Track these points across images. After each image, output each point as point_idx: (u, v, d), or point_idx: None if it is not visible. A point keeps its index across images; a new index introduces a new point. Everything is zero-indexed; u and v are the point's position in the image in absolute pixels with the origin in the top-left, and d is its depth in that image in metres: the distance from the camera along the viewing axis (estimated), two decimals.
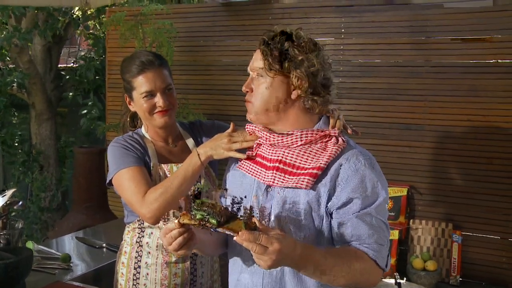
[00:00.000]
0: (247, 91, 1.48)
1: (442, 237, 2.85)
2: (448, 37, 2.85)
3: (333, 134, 1.44)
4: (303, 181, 1.35)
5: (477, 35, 2.80)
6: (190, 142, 2.04)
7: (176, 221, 1.27)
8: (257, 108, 1.45)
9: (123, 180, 1.83)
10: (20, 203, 2.15)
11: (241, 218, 1.23)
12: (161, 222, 1.88)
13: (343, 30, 3.12)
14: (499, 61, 2.75)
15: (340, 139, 1.43)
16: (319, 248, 1.32)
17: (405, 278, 2.53)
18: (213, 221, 1.21)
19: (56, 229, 3.66)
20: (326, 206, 1.37)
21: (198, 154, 1.72)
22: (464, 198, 2.86)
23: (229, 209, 1.26)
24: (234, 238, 1.17)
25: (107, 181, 1.93)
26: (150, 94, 1.87)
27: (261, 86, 1.44)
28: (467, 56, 2.82)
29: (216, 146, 1.68)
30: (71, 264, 2.24)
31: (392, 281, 2.47)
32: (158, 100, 1.87)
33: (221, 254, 1.67)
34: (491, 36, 2.76)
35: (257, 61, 1.44)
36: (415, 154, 2.95)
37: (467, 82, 2.82)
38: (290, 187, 1.39)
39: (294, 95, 1.44)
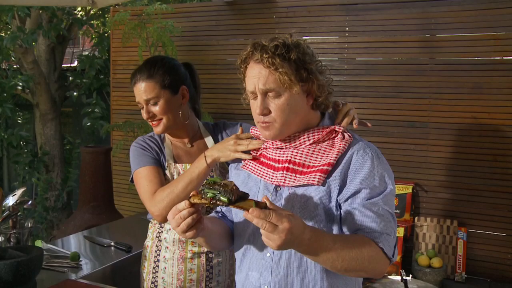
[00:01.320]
0: (265, 113, 1.40)
1: (447, 234, 2.86)
2: (453, 35, 2.86)
3: (338, 130, 1.45)
4: (314, 178, 1.36)
5: (482, 32, 2.80)
6: (209, 141, 2.08)
7: (186, 201, 1.27)
8: (282, 126, 1.41)
9: (139, 179, 1.93)
10: (30, 202, 2.17)
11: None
12: None
13: (347, 29, 3.13)
14: (504, 58, 2.76)
15: (346, 134, 1.44)
16: (328, 233, 1.33)
17: (410, 275, 2.54)
18: (224, 199, 1.21)
19: (62, 228, 3.67)
20: (337, 200, 1.37)
21: (205, 157, 1.77)
22: (469, 195, 2.87)
23: None
24: (244, 214, 1.16)
25: (130, 179, 2.04)
26: (140, 105, 1.97)
27: (282, 104, 1.38)
28: (472, 53, 2.82)
29: (223, 149, 1.71)
30: (81, 263, 2.26)
31: (398, 278, 2.49)
32: (143, 112, 1.96)
33: (227, 249, 1.66)
34: (496, 33, 2.77)
35: (268, 81, 1.37)
36: (420, 151, 2.96)
37: (471, 79, 2.82)
38: (301, 185, 1.39)
39: (310, 100, 1.44)
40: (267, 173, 1.47)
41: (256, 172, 1.50)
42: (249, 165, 1.55)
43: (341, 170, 1.38)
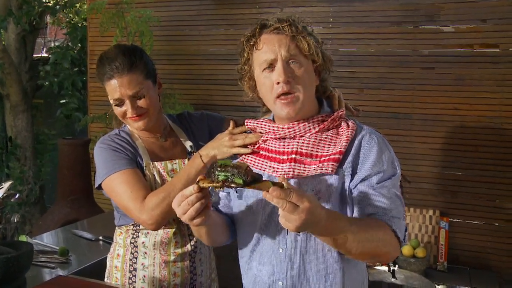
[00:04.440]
0: (289, 81, 1.31)
1: (430, 224, 2.90)
2: (435, 27, 2.89)
3: (341, 112, 1.42)
4: (327, 167, 1.32)
5: (463, 25, 2.85)
6: (181, 133, 1.94)
7: (195, 185, 1.19)
8: (305, 100, 1.34)
9: (116, 184, 1.70)
10: (17, 195, 2.07)
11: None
12: None
13: (331, 20, 3.13)
14: (484, 50, 2.81)
15: (350, 122, 1.41)
16: (344, 215, 1.31)
17: (397, 265, 2.57)
18: (238, 180, 1.14)
19: (40, 223, 3.57)
20: (349, 186, 1.36)
21: (201, 156, 1.66)
22: (451, 185, 2.92)
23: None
24: (263, 195, 1.10)
25: (96, 185, 1.79)
26: (119, 101, 1.73)
27: (303, 74, 1.31)
28: (454, 45, 2.86)
29: (218, 146, 1.62)
30: (70, 258, 2.18)
31: (385, 268, 2.51)
32: (127, 108, 1.73)
33: (223, 244, 1.60)
34: (477, 25, 2.81)
35: (290, 47, 1.31)
36: (403, 142, 2.99)
37: (454, 71, 2.87)
38: (313, 176, 1.37)
39: (317, 80, 1.42)
40: (270, 166, 1.41)
41: (258, 166, 1.44)
42: (248, 159, 1.48)
43: (351, 158, 1.36)
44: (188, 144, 1.91)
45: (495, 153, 2.82)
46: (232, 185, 1.15)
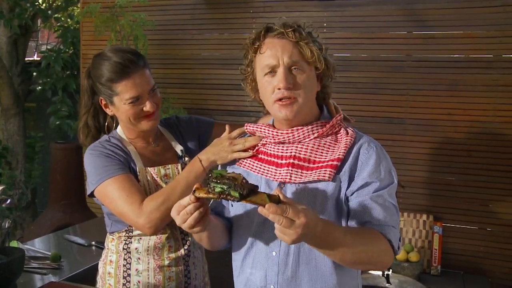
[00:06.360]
0: (289, 87, 1.35)
1: (423, 228, 2.90)
2: (429, 32, 2.90)
3: (339, 117, 1.45)
4: (325, 173, 1.33)
5: (457, 31, 2.86)
6: (171, 138, 1.94)
7: (191, 195, 1.21)
8: (304, 104, 1.37)
9: (111, 190, 1.69)
10: (9, 201, 2.04)
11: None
12: None
13: (325, 24, 3.13)
14: (478, 56, 2.82)
15: (349, 130, 1.43)
16: (339, 225, 1.32)
17: (391, 270, 2.57)
18: (235, 194, 1.15)
19: (31, 228, 3.55)
20: (345, 194, 1.36)
21: (200, 161, 1.66)
22: (444, 190, 2.93)
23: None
24: (259, 210, 1.11)
25: (88, 192, 1.78)
26: (136, 99, 1.72)
27: (305, 80, 1.35)
28: (448, 51, 2.87)
29: (218, 151, 1.62)
30: (62, 263, 2.16)
31: (379, 273, 2.51)
32: (146, 104, 1.73)
33: (223, 248, 1.60)
34: (471, 31, 2.83)
35: (293, 53, 1.34)
36: (397, 147, 2.99)
37: (448, 76, 2.88)
38: (310, 181, 1.36)
39: (318, 86, 1.43)
40: (268, 170, 1.42)
41: (256, 169, 1.45)
42: (246, 162, 1.50)
43: (349, 165, 1.37)
44: (178, 148, 1.91)
45: (488, 158, 2.83)
46: (229, 197, 1.16)
